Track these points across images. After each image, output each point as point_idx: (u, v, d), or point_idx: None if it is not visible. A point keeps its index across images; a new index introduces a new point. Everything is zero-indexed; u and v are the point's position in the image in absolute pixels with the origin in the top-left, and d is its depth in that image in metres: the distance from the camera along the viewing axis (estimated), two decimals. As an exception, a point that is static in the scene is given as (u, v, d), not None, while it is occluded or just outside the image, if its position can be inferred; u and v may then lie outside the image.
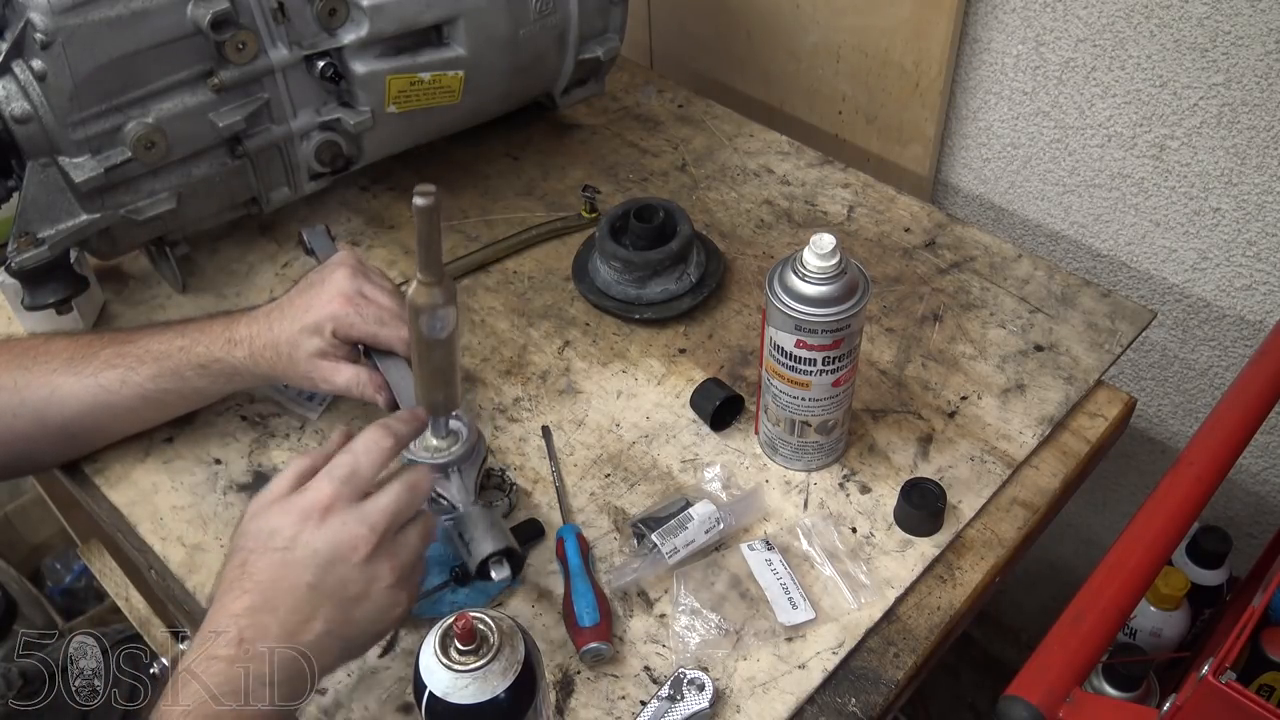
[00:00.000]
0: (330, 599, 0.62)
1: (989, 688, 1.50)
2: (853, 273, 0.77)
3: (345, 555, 0.63)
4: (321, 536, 0.62)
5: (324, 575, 0.62)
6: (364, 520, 0.63)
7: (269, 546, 0.62)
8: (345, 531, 0.63)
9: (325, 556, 0.62)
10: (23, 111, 0.84)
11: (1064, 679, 0.62)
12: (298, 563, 0.62)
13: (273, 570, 0.62)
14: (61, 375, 0.80)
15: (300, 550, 0.62)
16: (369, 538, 0.63)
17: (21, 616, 1.20)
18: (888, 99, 1.21)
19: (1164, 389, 1.19)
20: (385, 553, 0.64)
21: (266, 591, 0.61)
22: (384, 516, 0.64)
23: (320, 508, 0.63)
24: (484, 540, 0.72)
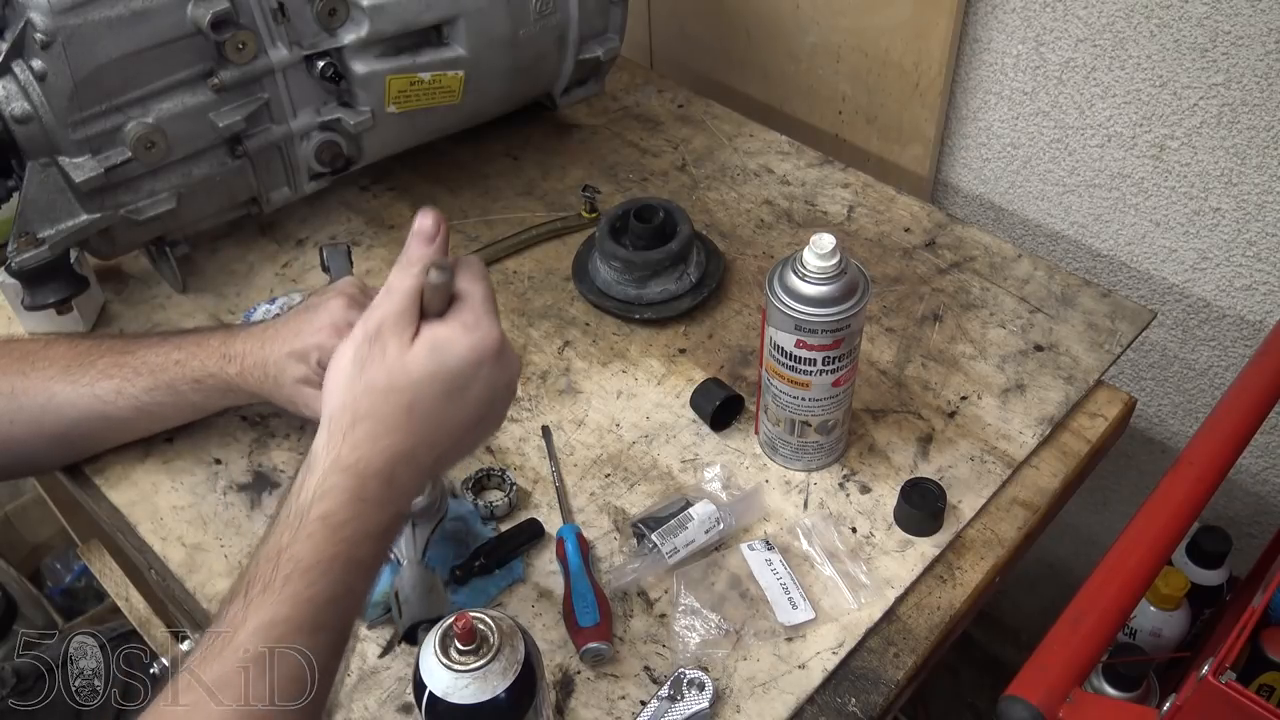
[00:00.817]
0: (480, 423, 0.63)
1: (989, 688, 1.50)
2: (853, 273, 0.77)
3: (512, 386, 0.63)
4: (499, 375, 0.61)
5: (490, 409, 0.62)
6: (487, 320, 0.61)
7: (449, 389, 0.60)
8: (514, 362, 0.63)
9: (499, 391, 0.62)
10: (23, 111, 0.84)
11: (1064, 679, 0.62)
12: (474, 402, 0.61)
13: (447, 411, 0.60)
14: (58, 383, 0.80)
15: (479, 391, 0.61)
16: (518, 360, 0.63)
17: (21, 616, 1.20)
18: (888, 99, 1.21)
19: (1164, 389, 1.19)
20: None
21: (435, 433, 0.60)
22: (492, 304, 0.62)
23: (495, 348, 0.61)
24: (418, 605, 0.70)
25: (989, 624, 1.53)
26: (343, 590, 0.57)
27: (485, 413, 0.62)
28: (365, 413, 0.58)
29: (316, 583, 0.55)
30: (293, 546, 0.56)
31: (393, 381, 0.59)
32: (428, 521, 0.74)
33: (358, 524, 0.57)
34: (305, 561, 0.56)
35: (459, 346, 0.60)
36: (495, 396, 0.62)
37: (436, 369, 0.59)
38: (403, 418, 0.59)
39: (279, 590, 0.55)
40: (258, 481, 0.88)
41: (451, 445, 0.62)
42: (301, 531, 0.56)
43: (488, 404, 0.62)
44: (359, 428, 0.58)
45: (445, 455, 0.62)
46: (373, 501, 0.58)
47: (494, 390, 0.62)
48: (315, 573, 0.56)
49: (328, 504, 0.57)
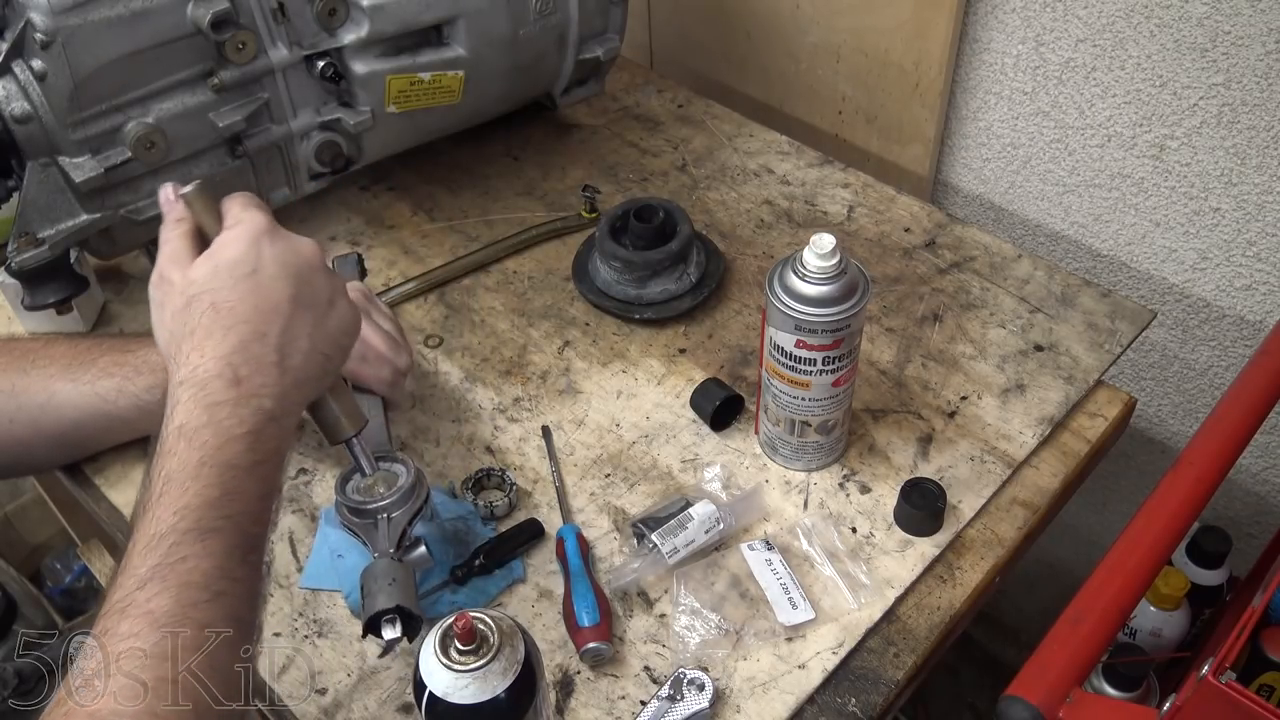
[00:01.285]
0: (309, 308, 0.62)
1: (989, 688, 1.50)
2: (853, 273, 0.77)
3: (311, 261, 0.63)
4: (284, 249, 0.62)
5: (300, 286, 0.62)
6: (302, 236, 0.64)
7: (236, 276, 0.61)
8: (302, 241, 0.63)
9: (295, 266, 0.62)
10: (23, 111, 0.84)
11: (1064, 679, 0.62)
12: (273, 280, 0.61)
13: (250, 296, 0.60)
14: (59, 381, 0.80)
15: (270, 267, 0.61)
16: (316, 244, 0.64)
17: (21, 616, 1.20)
18: (888, 99, 1.21)
19: (1164, 389, 1.19)
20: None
21: (252, 320, 0.60)
22: (251, 202, 0.64)
23: (265, 228, 0.62)
24: (378, 596, 0.69)
25: (989, 624, 1.53)
26: (221, 492, 0.56)
27: (300, 293, 0.62)
28: (180, 332, 0.60)
29: (190, 489, 0.56)
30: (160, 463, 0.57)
31: (187, 294, 0.61)
32: (404, 513, 0.73)
33: (215, 427, 0.57)
34: (173, 473, 0.56)
35: (226, 240, 0.62)
36: (297, 271, 0.62)
37: (215, 265, 0.61)
38: (211, 319, 0.60)
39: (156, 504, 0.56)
40: (258, 481, 0.88)
41: (285, 330, 0.61)
42: (164, 448, 0.57)
43: (294, 281, 0.62)
44: (183, 347, 0.60)
45: (286, 344, 0.61)
46: (225, 403, 0.58)
47: (287, 262, 0.62)
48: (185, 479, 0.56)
49: (179, 417, 0.58)
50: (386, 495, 0.73)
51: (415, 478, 0.74)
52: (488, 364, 0.98)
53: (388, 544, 0.71)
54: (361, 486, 0.74)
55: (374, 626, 0.69)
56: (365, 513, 0.72)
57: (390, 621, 0.68)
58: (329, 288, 0.64)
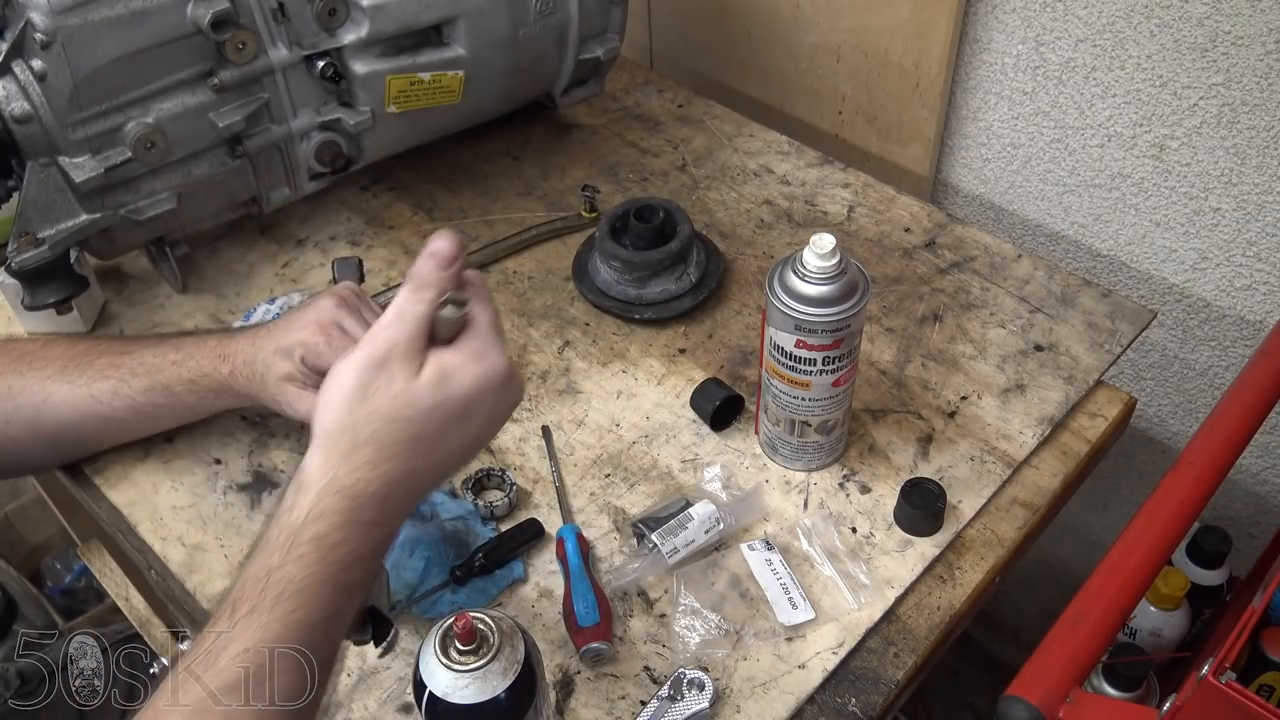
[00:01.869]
0: (475, 446, 0.63)
1: (989, 688, 1.50)
2: (853, 273, 0.77)
3: (512, 406, 0.63)
4: (500, 405, 0.62)
5: (486, 432, 0.62)
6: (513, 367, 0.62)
7: (456, 418, 0.60)
8: (516, 389, 0.62)
9: (498, 418, 0.62)
10: (23, 111, 0.84)
11: (1064, 679, 0.62)
12: (480, 430, 0.61)
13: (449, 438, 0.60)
14: (55, 383, 0.80)
15: (483, 416, 0.61)
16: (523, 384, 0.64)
17: (21, 616, 1.20)
18: (888, 99, 1.21)
19: (1164, 389, 1.19)
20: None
21: (441, 463, 0.60)
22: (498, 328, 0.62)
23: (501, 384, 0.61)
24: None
25: (989, 624, 1.53)
26: (330, 613, 0.56)
27: (486, 434, 0.63)
28: (367, 439, 0.58)
29: (306, 605, 0.55)
30: (284, 567, 0.55)
31: (398, 411, 0.58)
32: None
33: (349, 546, 0.57)
34: (295, 584, 0.55)
35: (467, 378, 0.59)
36: (498, 420, 0.63)
37: (443, 399, 0.59)
38: (405, 445, 0.58)
39: (268, 611, 0.54)
40: (258, 481, 0.88)
41: (450, 468, 0.62)
42: (293, 553, 0.56)
43: (488, 426, 0.63)
44: (359, 453, 0.58)
45: (442, 477, 0.63)
46: (366, 524, 0.57)
47: (497, 415, 0.63)
48: (305, 595, 0.55)
49: (321, 526, 0.56)
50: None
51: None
52: (488, 364, 0.98)
53: None
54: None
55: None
56: None
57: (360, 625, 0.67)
58: (507, 403, 0.63)
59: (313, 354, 0.80)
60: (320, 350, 0.81)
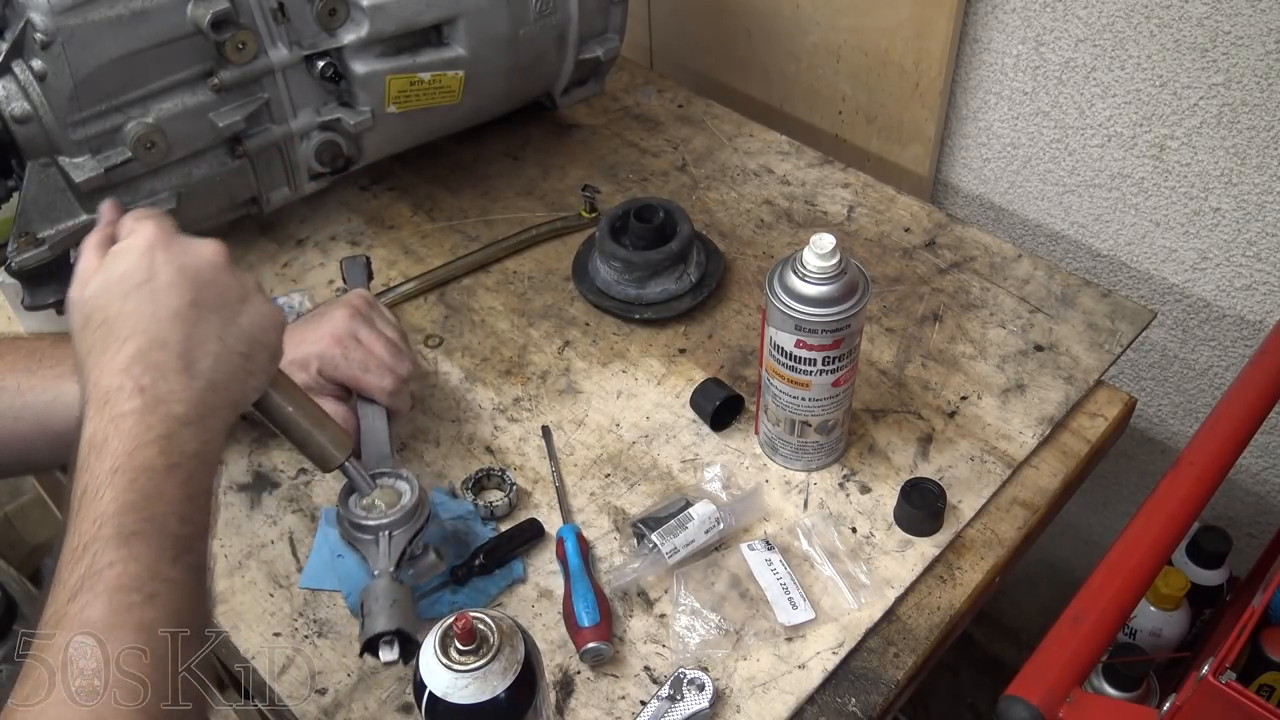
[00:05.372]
0: (214, 310, 0.61)
1: (989, 688, 1.50)
2: (853, 273, 0.77)
3: (212, 262, 0.62)
4: (179, 255, 0.61)
5: (200, 289, 0.61)
6: (201, 238, 0.63)
7: (128, 288, 0.60)
8: (202, 244, 0.63)
9: (193, 269, 0.61)
10: (23, 111, 0.84)
11: (1064, 679, 0.62)
12: (168, 287, 0.60)
13: (144, 306, 0.60)
14: (66, 380, 0.80)
15: (164, 274, 0.60)
16: (219, 245, 0.63)
17: (21, 617, 1.20)
18: (888, 99, 1.21)
19: (1164, 389, 1.19)
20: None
21: (149, 329, 0.59)
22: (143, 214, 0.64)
23: (157, 238, 0.62)
24: (379, 617, 0.68)
25: (989, 624, 1.53)
26: (136, 496, 0.55)
27: (201, 296, 0.61)
28: (82, 350, 0.61)
29: (105, 495, 0.55)
30: (78, 480, 0.56)
31: (84, 312, 0.61)
32: (405, 532, 0.72)
33: (122, 436, 0.56)
34: (88, 487, 0.55)
35: (116, 252, 0.62)
36: (197, 275, 0.61)
37: (106, 280, 0.61)
38: (105, 333, 0.59)
39: (76, 517, 0.55)
40: (258, 481, 0.88)
41: (186, 338, 0.60)
42: (77, 465, 0.57)
43: (193, 285, 0.61)
44: (86, 364, 0.60)
45: (191, 351, 0.60)
46: (129, 413, 0.57)
47: (185, 268, 0.61)
48: (97, 489, 0.55)
49: (87, 431, 0.57)
50: (389, 513, 0.72)
51: (419, 496, 0.74)
52: (488, 364, 0.98)
53: (387, 562, 0.71)
54: (364, 502, 0.74)
55: (372, 647, 0.69)
56: (366, 529, 0.72)
57: (389, 644, 0.68)
58: (237, 286, 0.63)
59: (330, 366, 0.81)
60: (337, 362, 0.81)
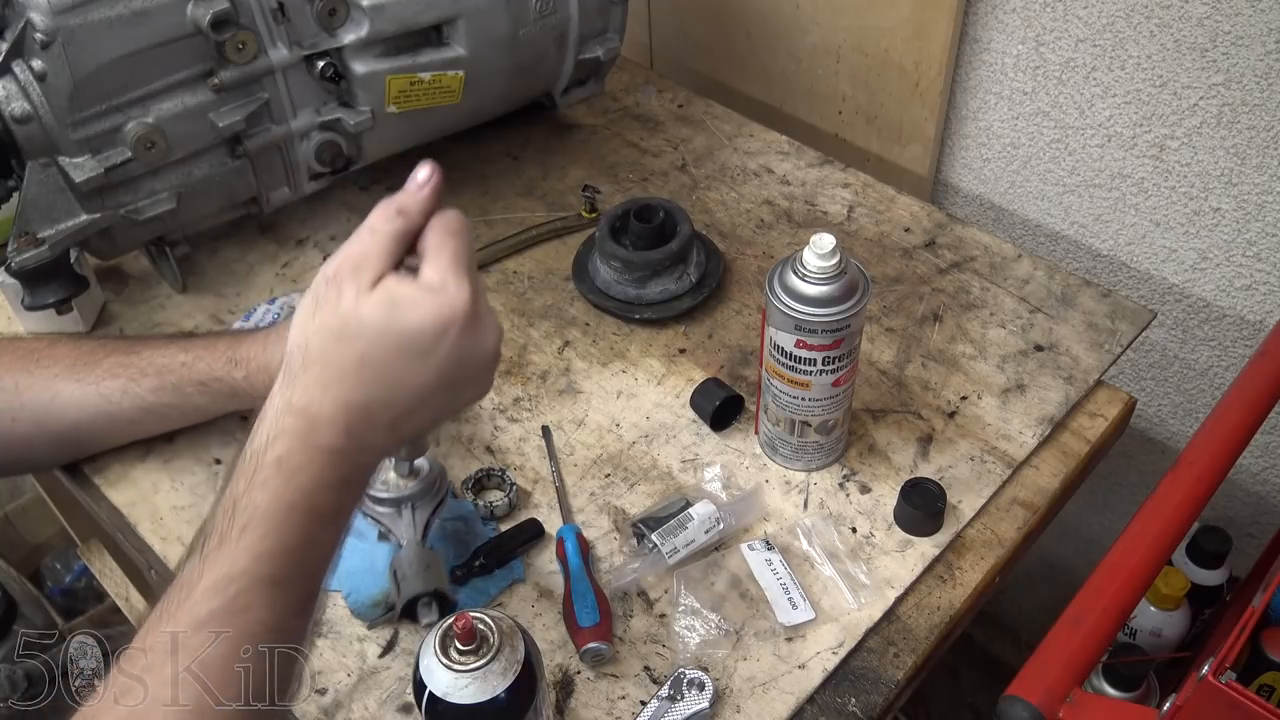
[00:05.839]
0: (453, 393, 0.58)
1: (989, 688, 1.50)
2: (853, 273, 0.77)
3: (488, 355, 0.58)
4: (470, 343, 0.56)
5: (458, 377, 0.57)
6: (492, 312, 0.58)
7: (404, 350, 0.55)
8: (490, 335, 0.57)
9: (468, 364, 0.57)
10: (23, 111, 0.84)
11: (1064, 679, 0.62)
12: (437, 368, 0.56)
13: (406, 372, 0.55)
14: (63, 381, 0.80)
15: (441, 357, 0.55)
16: (500, 332, 0.58)
17: (21, 616, 1.20)
18: (888, 99, 1.21)
19: (1164, 389, 1.19)
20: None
21: (393, 394, 0.55)
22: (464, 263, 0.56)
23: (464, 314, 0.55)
24: (415, 580, 0.71)
25: (989, 624, 1.53)
26: (302, 541, 0.54)
27: (455, 378, 0.58)
28: (316, 356, 0.55)
29: (273, 533, 0.53)
30: (249, 494, 0.54)
31: (342, 328, 0.55)
32: (426, 504, 0.75)
33: (313, 470, 0.54)
34: (261, 510, 0.53)
35: (420, 309, 0.55)
36: (466, 362, 0.57)
37: (390, 325, 0.55)
38: (352, 367, 0.55)
39: (235, 542, 0.53)
40: (258, 481, 0.88)
41: (415, 408, 0.58)
42: (257, 478, 0.54)
43: (456, 369, 0.57)
44: (309, 371, 0.55)
45: (408, 418, 0.58)
46: (327, 449, 0.55)
47: (463, 356, 0.57)
48: (272, 521, 0.53)
49: (281, 447, 0.54)
50: (409, 486, 0.75)
51: (438, 470, 0.77)
52: (488, 364, 0.98)
53: (414, 532, 0.74)
54: (382, 477, 0.75)
55: (410, 611, 0.71)
56: (387, 502, 0.74)
57: (427, 605, 0.71)
58: (487, 376, 0.60)
59: None
60: None
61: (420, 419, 0.58)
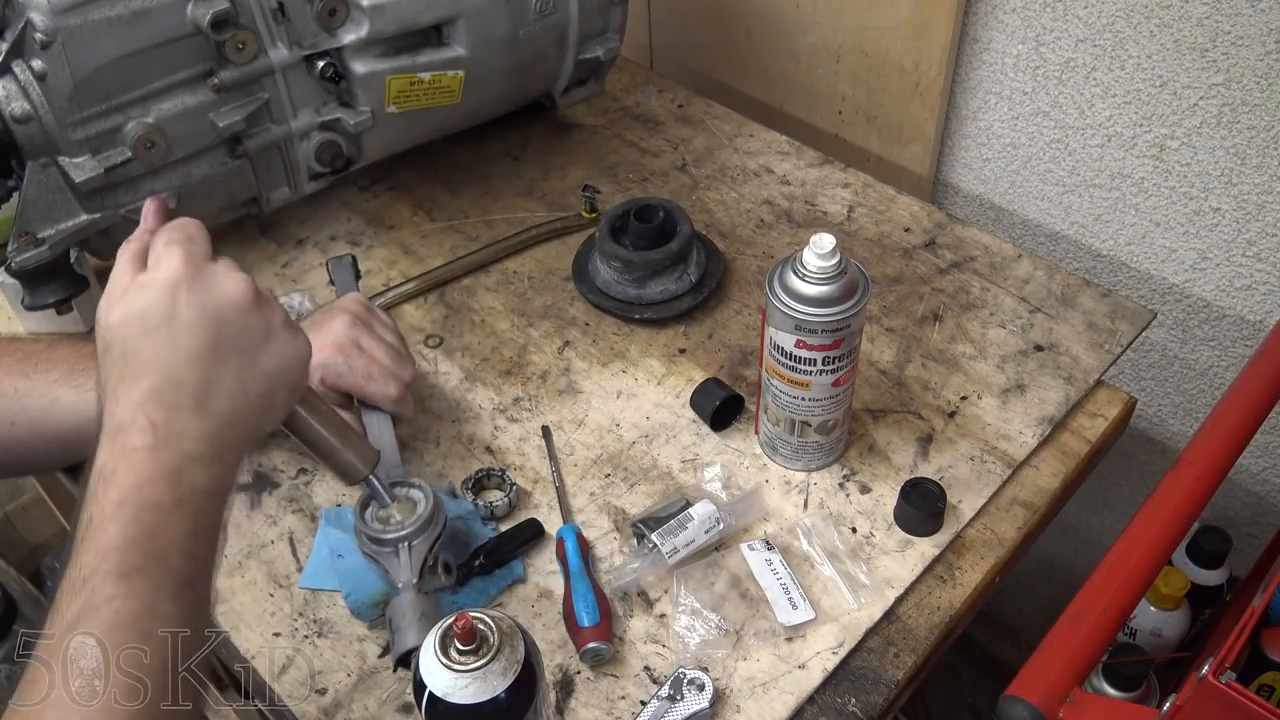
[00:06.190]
0: (234, 352, 0.60)
1: (989, 688, 1.50)
2: (853, 273, 0.77)
3: (237, 302, 0.61)
4: (204, 293, 0.60)
5: (220, 330, 0.60)
6: (232, 270, 0.62)
7: (148, 325, 0.59)
8: (228, 281, 0.61)
9: (215, 310, 0.60)
10: (23, 111, 0.84)
11: (1064, 679, 0.62)
12: (188, 328, 0.59)
13: (163, 345, 0.59)
14: (61, 387, 0.80)
15: (185, 314, 0.59)
16: (248, 282, 0.62)
17: (21, 616, 1.20)
18: (888, 99, 1.21)
19: (1164, 389, 1.19)
20: (264, 295, 0.63)
21: (165, 369, 0.58)
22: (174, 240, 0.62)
23: (184, 273, 0.60)
24: (408, 632, 0.70)
25: (989, 624, 1.53)
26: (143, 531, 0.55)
27: (223, 334, 0.60)
28: (103, 375, 0.61)
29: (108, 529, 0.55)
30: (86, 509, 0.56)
31: (104, 340, 0.61)
32: (424, 541, 0.73)
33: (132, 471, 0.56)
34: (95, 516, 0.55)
35: (146, 287, 0.60)
36: (221, 314, 0.60)
37: (129, 312, 0.59)
38: (123, 366, 0.59)
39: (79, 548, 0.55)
40: (257, 482, 0.88)
41: (207, 379, 0.59)
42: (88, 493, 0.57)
43: (214, 326, 0.60)
44: (106, 389, 0.60)
45: (207, 390, 0.59)
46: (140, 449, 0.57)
47: (206, 311, 0.59)
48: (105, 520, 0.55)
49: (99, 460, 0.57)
50: (407, 524, 0.73)
51: (434, 504, 0.74)
52: (488, 364, 0.98)
53: (410, 574, 0.72)
54: (380, 514, 0.74)
55: (406, 662, 0.69)
56: (385, 542, 0.73)
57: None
58: (261, 326, 0.62)
59: (333, 374, 0.82)
60: (341, 371, 0.82)
61: (225, 389, 0.60)
